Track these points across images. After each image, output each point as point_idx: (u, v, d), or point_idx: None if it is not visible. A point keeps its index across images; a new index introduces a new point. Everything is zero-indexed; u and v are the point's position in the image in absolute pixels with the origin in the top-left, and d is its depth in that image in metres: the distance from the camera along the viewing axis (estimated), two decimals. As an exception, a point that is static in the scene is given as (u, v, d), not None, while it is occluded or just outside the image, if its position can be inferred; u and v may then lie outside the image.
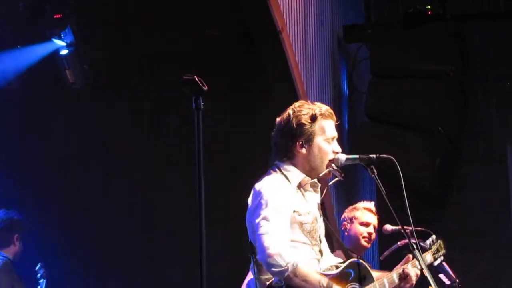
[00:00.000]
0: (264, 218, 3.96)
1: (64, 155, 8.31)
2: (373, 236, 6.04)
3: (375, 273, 4.31)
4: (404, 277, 4.41)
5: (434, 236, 5.22)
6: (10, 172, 8.16)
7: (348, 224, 5.99)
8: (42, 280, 7.05)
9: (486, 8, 9.48)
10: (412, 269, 4.42)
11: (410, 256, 4.47)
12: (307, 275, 3.92)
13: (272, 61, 7.20)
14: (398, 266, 4.54)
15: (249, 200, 4.13)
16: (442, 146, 8.42)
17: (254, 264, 4.07)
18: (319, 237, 4.21)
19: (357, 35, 9.31)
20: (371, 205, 6.10)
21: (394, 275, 4.40)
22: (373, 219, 6.02)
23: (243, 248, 4.14)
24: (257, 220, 3.98)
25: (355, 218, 5.97)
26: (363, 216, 6.00)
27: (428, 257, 5.06)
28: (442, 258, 5.24)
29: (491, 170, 9.00)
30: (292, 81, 7.20)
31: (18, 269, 7.05)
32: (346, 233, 5.99)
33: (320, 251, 4.16)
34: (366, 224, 5.97)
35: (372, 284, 4.20)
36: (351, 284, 4.12)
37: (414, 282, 4.42)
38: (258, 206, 4.01)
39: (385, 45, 8.80)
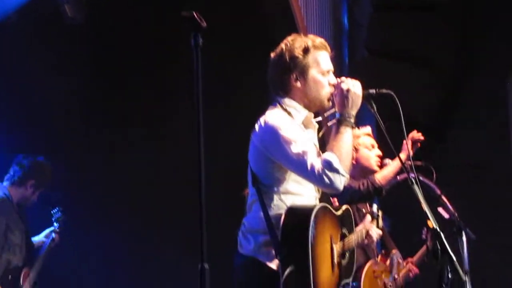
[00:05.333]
0: (291, 142, 3.86)
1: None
2: None
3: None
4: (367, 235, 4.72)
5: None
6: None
7: (354, 153, 5.55)
8: (56, 224, 7.03)
9: None
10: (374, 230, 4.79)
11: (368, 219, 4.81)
12: None
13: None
14: None
15: (259, 134, 3.99)
16: (443, 81, 8.39)
17: (258, 195, 3.94)
18: None
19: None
20: (368, 129, 5.92)
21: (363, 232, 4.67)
22: (374, 142, 5.87)
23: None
24: (283, 146, 3.86)
25: (359, 145, 5.78)
26: (367, 141, 5.84)
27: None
28: None
29: (491, 108, 8.91)
30: (292, 16, 7.14)
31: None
32: (353, 162, 5.53)
33: (318, 190, 4.10)
34: (373, 147, 5.83)
35: (353, 233, 4.28)
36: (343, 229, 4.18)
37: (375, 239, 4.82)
38: (276, 135, 3.89)
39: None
